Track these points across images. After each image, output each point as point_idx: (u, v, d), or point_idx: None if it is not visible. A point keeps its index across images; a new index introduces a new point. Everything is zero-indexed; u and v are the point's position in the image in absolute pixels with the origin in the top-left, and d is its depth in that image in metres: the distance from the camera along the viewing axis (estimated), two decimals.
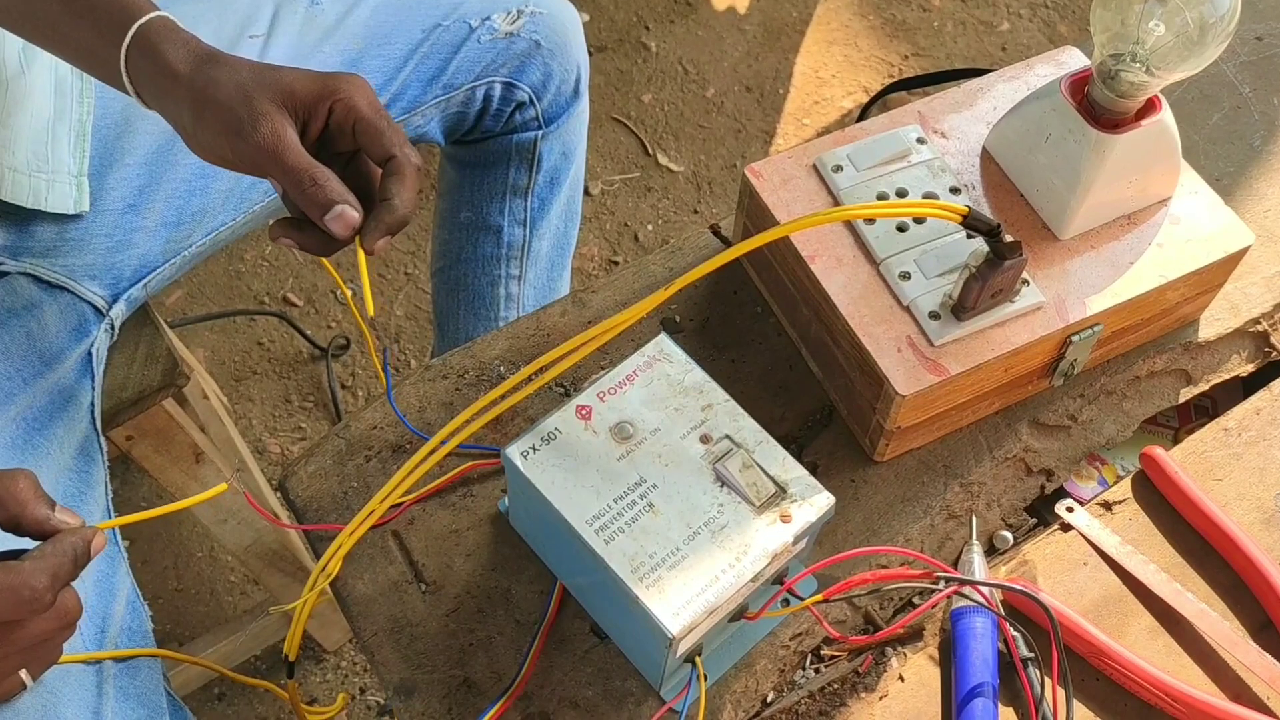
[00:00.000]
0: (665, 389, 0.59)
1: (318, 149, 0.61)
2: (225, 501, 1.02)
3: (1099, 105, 0.64)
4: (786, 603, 0.60)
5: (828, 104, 1.68)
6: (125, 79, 0.61)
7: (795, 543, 0.55)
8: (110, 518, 0.68)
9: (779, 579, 0.59)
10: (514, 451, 0.57)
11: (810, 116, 1.67)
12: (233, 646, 1.16)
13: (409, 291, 1.52)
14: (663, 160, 1.63)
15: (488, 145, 0.99)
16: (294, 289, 1.51)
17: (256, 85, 0.59)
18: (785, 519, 0.55)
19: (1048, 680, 0.60)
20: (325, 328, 1.49)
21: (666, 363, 0.59)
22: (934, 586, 0.60)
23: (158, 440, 0.92)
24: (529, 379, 0.65)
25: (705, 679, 0.59)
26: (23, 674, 0.54)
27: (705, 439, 0.57)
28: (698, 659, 0.58)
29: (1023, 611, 0.63)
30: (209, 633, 1.20)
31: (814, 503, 0.56)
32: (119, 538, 0.68)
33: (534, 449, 0.57)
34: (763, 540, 0.55)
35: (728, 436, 0.57)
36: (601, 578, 0.55)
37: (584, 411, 0.58)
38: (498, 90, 0.92)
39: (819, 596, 0.58)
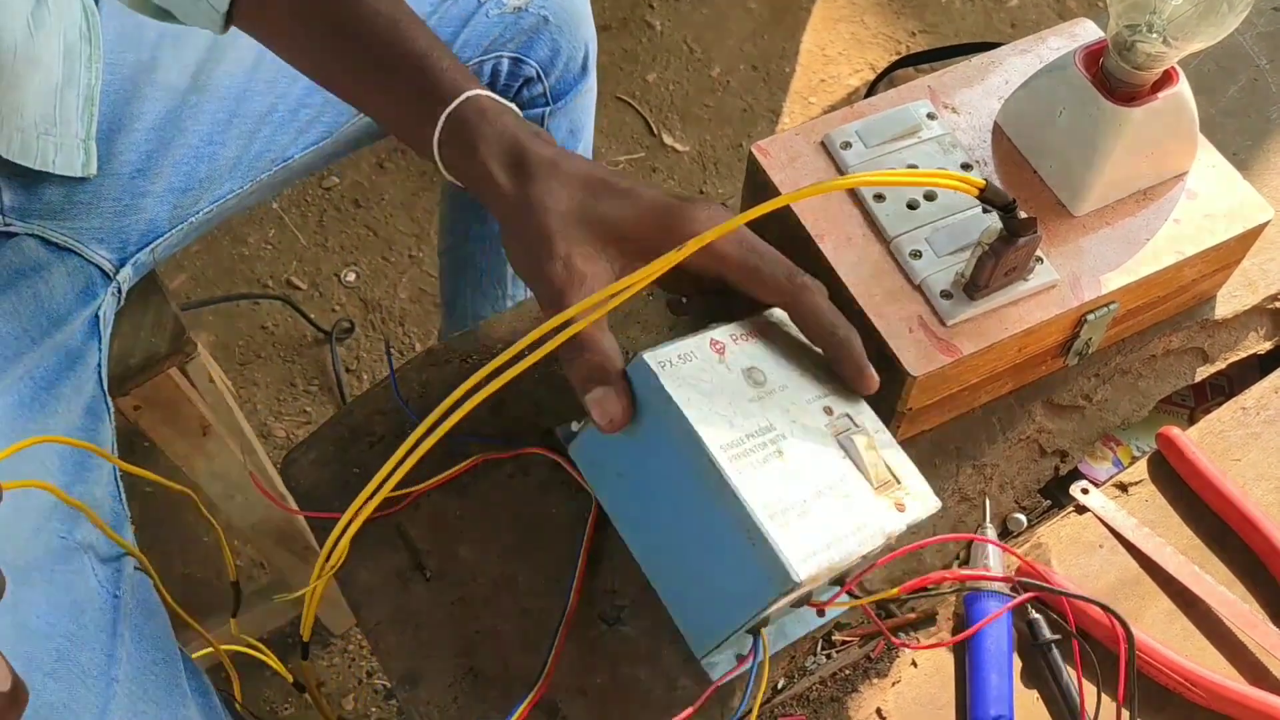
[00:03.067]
0: (795, 350, 0.57)
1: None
2: (233, 478, 1.01)
3: (1114, 78, 0.62)
4: (854, 595, 0.59)
5: (834, 82, 1.66)
6: (439, 164, 0.58)
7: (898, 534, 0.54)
8: (115, 478, 0.69)
9: (839, 579, 0.57)
10: (651, 359, 0.52)
11: (817, 95, 1.66)
12: (240, 629, 1.15)
13: (413, 274, 1.51)
14: (668, 140, 1.61)
15: None
16: (297, 273, 1.50)
17: (576, 218, 0.53)
18: (900, 508, 0.53)
19: (1068, 666, 0.59)
20: (329, 311, 1.48)
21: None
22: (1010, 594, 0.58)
23: (165, 411, 0.91)
24: (523, 353, 0.64)
25: (769, 651, 0.56)
26: None
27: (828, 410, 0.55)
28: (763, 631, 0.56)
29: (1041, 599, 0.62)
30: (216, 615, 1.19)
31: (924, 500, 0.54)
32: (124, 498, 0.68)
33: (671, 363, 0.53)
34: (880, 520, 0.53)
35: (848, 415, 0.56)
36: (711, 517, 0.51)
37: (718, 346, 0.55)
38: (505, 66, 0.91)
39: (894, 591, 0.57)
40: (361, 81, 0.61)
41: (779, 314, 0.59)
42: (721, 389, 0.53)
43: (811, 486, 0.52)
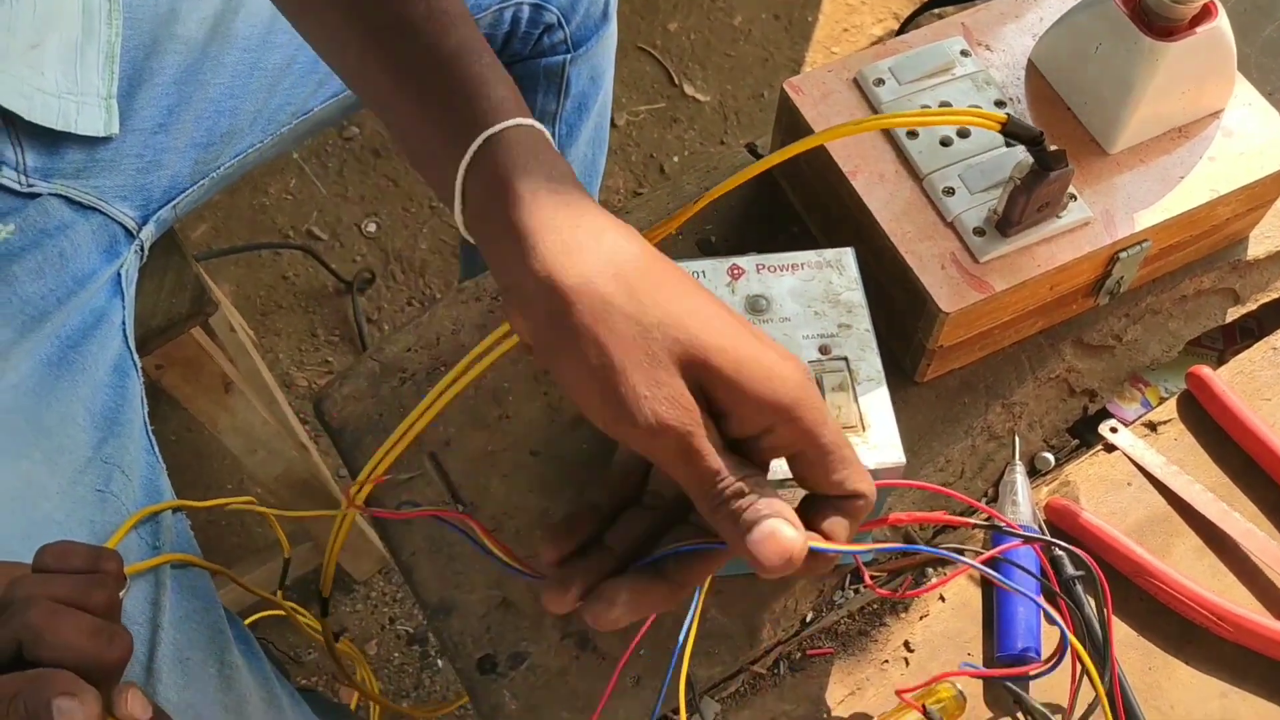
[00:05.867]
0: (819, 291, 0.58)
1: None
2: (255, 432, 1.02)
3: (1152, 11, 0.61)
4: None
5: (857, 31, 1.65)
6: (458, 202, 0.46)
7: None
8: (147, 430, 0.69)
9: None
10: None
11: (840, 45, 1.64)
12: (265, 576, 1.17)
13: (433, 225, 1.51)
14: (689, 90, 1.60)
15: (516, 70, 0.97)
16: (318, 223, 1.51)
17: (663, 340, 0.41)
18: None
19: (1092, 599, 0.60)
20: (350, 262, 1.48)
21: (835, 272, 0.59)
22: (969, 524, 0.59)
23: (187, 369, 0.92)
24: None
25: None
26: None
27: (824, 350, 0.56)
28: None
29: (1066, 531, 0.62)
30: (240, 563, 1.21)
31: (882, 453, 0.54)
32: (157, 450, 0.69)
33: None
34: None
35: (845, 359, 0.56)
36: None
37: (736, 271, 0.58)
38: (526, 12, 0.90)
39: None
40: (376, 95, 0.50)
41: (831, 254, 0.59)
42: None
43: None
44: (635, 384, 0.41)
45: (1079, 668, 0.58)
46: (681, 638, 0.47)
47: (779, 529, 0.41)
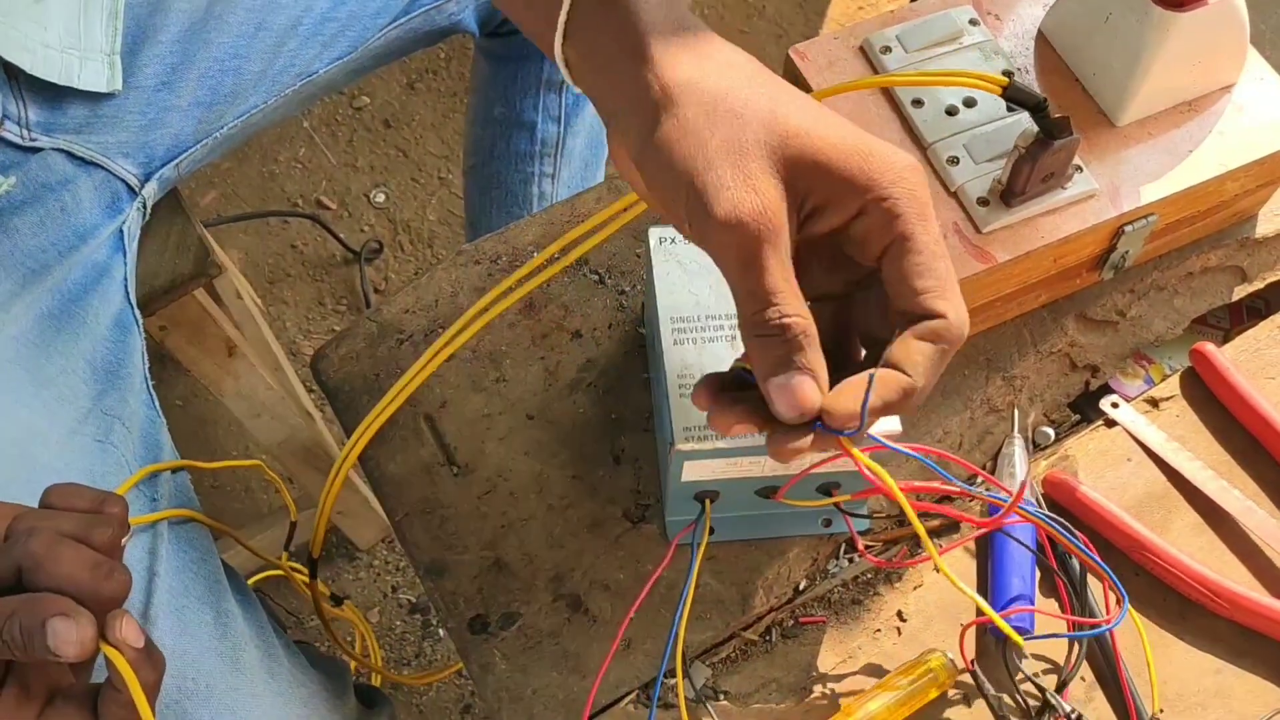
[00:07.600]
0: None
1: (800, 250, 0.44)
2: (259, 397, 1.02)
3: None
4: (828, 522, 0.59)
5: (872, 9, 1.63)
6: (559, 40, 0.47)
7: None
8: (148, 387, 0.69)
9: (828, 489, 0.57)
10: (654, 233, 0.59)
11: (854, 22, 1.63)
12: (267, 541, 1.17)
13: (442, 196, 1.51)
14: None
15: (522, 37, 0.96)
16: (327, 192, 1.50)
17: (759, 131, 0.42)
18: None
19: (1088, 573, 0.59)
20: (358, 231, 1.48)
21: None
22: (971, 490, 0.58)
23: (191, 332, 0.92)
24: (554, 258, 0.64)
25: (710, 525, 0.58)
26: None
27: None
28: (708, 503, 0.57)
29: (1064, 505, 0.62)
30: (244, 528, 1.21)
31: (879, 421, 0.51)
32: (158, 406, 0.69)
33: (673, 240, 0.58)
34: None
35: None
36: (658, 376, 0.56)
37: None
38: None
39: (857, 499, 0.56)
40: None
41: None
42: (708, 272, 0.57)
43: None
44: (722, 174, 0.41)
45: (1073, 641, 0.58)
46: (680, 605, 0.48)
47: (802, 384, 0.41)
